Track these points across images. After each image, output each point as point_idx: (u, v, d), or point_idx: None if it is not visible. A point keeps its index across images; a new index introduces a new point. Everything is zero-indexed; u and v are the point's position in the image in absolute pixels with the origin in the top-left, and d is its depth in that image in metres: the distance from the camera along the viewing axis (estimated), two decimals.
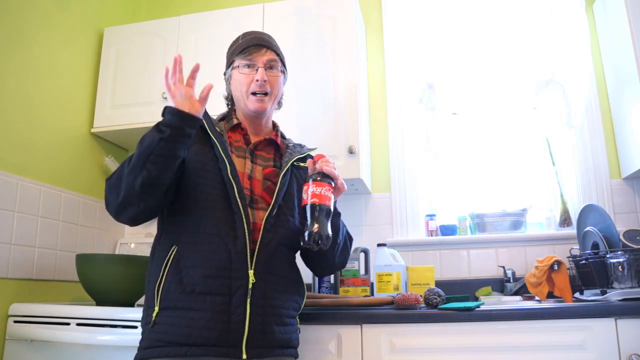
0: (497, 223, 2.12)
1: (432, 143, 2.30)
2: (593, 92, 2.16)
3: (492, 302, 1.78)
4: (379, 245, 1.91)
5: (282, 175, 1.32)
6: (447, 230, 2.18)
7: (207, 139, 1.30)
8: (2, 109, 1.80)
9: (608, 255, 1.61)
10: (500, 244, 2.11)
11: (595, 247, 1.70)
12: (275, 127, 1.46)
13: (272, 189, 1.31)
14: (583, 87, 2.17)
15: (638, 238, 1.69)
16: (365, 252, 1.97)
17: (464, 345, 1.41)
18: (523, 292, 1.91)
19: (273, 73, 1.36)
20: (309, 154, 1.48)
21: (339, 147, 1.97)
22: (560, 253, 1.92)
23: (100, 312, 1.60)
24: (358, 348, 1.47)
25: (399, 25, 2.39)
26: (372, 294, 1.93)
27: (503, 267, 2.03)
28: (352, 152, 1.95)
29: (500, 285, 2.04)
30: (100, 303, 1.79)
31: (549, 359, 1.36)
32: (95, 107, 2.26)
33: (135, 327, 1.53)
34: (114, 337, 1.55)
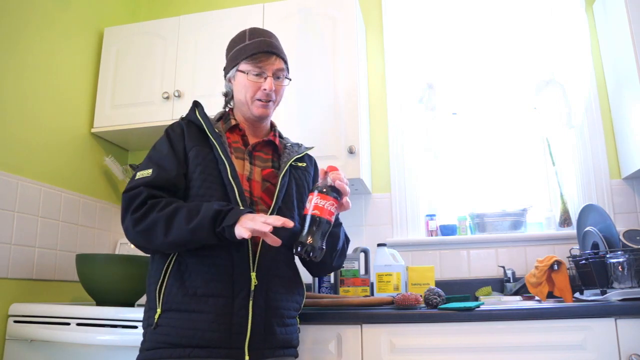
0: (497, 223, 2.12)
1: (432, 143, 2.30)
2: (593, 92, 2.16)
3: (492, 302, 1.78)
4: (379, 245, 1.91)
5: (281, 177, 1.32)
6: (447, 230, 2.18)
7: (206, 141, 1.30)
8: (2, 109, 1.80)
9: (608, 255, 1.61)
10: (500, 244, 2.11)
11: (595, 247, 1.70)
12: (273, 127, 1.46)
13: (271, 191, 1.31)
14: (583, 87, 2.16)
15: (638, 238, 1.69)
16: (365, 252, 1.97)
17: (464, 345, 1.41)
18: (523, 292, 1.91)
19: (280, 82, 1.37)
20: (307, 153, 1.48)
21: (339, 147, 1.97)
22: (560, 253, 1.92)
23: (100, 312, 1.60)
24: (358, 348, 1.47)
25: (399, 25, 2.39)
26: (372, 294, 1.92)
27: (503, 267, 2.03)
28: (352, 152, 1.95)
29: (500, 285, 2.04)
30: (100, 303, 1.79)
31: (549, 359, 1.36)
32: (95, 107, 2.26)
33: (136, 327, 1.53)
34: (114, 337, 1.55)
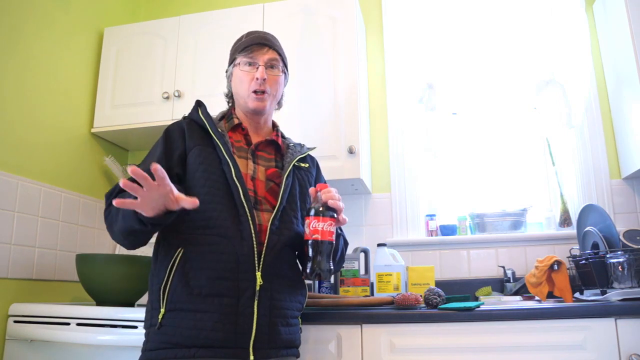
0: (497, 223, 2.12)
1: (432, 143, 2.30)
2: (593, 92, 2.16)
3: (492, 302, 1.78)
4: (379, 245, 1.91)
5: (285, 177, 1.32)
6: (447, 230, 2.18)
7: (209, 140, 1.30)
8: (2, 109, 1.80)
9: (608, 255, 1.61)
10: (500, 244, 2.11)
11: (595, 247, 1.70)
12: (275, 126, 1.46)
13: (275, 191, 1.31)
14: (583, 87, 2.16)
15: (638, 238, 1.69)
16: (365, 252, 1.97)
17: (464, 345, 1.41)
18: (523, 292, 1.91)
19: (273, 72, 1.36)
20: (309, 154, 1.49)
21: (339, 147, 1.97)
22: (560, 253, 1.92)
23: (100, 312, 1.60)
24: (358, 348, 1.47)
25: (399, 25, 2.39)
26: (372, 294, 1.93)
27: (503, 267, 2.03)
28: (352, 152, 1.95)
29: (500, 285, 2.04)
30: (100, 303, 1.79)
31: (549, 359, 1.36)
32: (95, 107, 2.26)
33: (136, 327, 1.53)
34: (114, 337, 1.55)
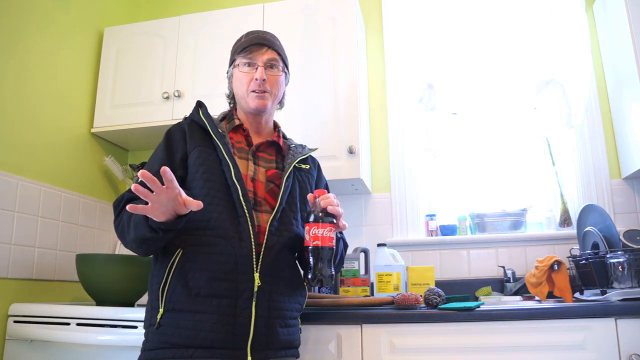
0: (497, 223, 2.12)
1: (432, 143, 2.30)
2: (593, 92, 2.16)
3: (492, 302, 1.78)
4: (379, 245, 1.90)
5: (285, 178, 1.32)
6: (447, 230, 2.18)
7: (209, 141, 1.30)
8: (2, 109, 1.80)
9: (608, 255, 1.61)
10: (500, 244, 2.11)
11: (595, 247, 1.70)
12: (277, 127, 1.46)
13: (275, 192, 1.31)
14: (583, 87, 2.16)
15: (638, 238, 1.69)
16: (365, 252, 1.97)
17: (464, 345, 1.41)
18: (523, 292, 1.91)
19: (273, 72, 1.36)
20: (310, 155, 1.48)
21: (339, 147, 1.97)
22: (560, 253, 1.92)
23: (100, 312, 1.60)
24: (358, 348, 1.47)
25: (399, 25, 2.39)
26: (372, 294, 1.92)
27: (503, 267, 2.03)
28: (352, 152, 1.95)
29: (500, 285, 2.04)
30: (100, 303, 1.79)
31: (549, 359, 1.36)
32: (95, 107, 2.26)
33: (136, 327, 1.53)
34: (114, 337, 1.55)
